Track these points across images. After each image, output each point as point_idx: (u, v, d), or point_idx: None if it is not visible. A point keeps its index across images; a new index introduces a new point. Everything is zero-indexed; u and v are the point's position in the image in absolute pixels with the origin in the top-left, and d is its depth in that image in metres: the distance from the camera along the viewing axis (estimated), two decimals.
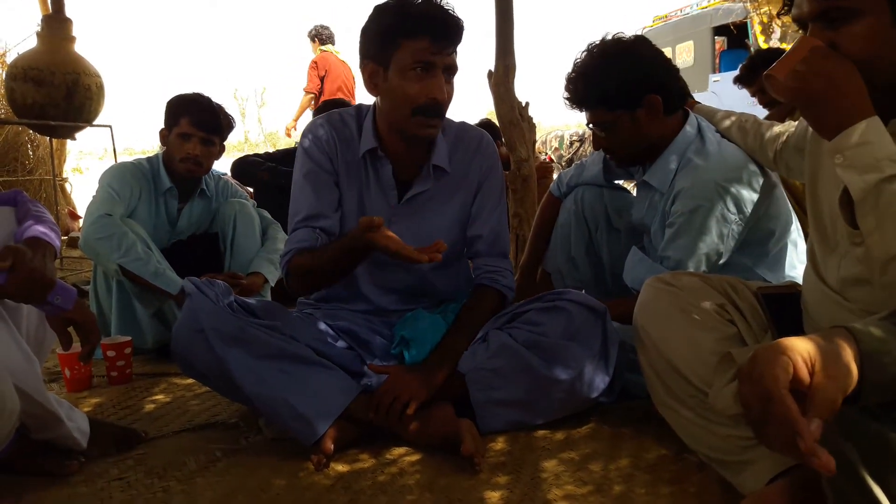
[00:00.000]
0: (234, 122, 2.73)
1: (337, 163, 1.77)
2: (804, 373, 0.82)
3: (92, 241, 2.34)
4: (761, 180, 1.76)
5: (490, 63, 3.07)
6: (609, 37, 1.82)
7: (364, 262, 1.68)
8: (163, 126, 2.60)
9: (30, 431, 1.46)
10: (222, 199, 2.76)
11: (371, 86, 1.70)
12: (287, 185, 1.87)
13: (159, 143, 2.65)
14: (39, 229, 1.47)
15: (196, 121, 2.53)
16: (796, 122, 1.65)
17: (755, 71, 3.60)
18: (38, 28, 4.59)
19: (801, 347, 0.83)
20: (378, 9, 1.65)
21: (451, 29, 1.61)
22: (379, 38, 1.64)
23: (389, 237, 1.48)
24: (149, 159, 2.63)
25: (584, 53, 1.82)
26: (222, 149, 2.67)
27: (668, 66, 1.81)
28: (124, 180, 2.49)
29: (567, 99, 1.86)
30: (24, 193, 1.63)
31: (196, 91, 2.64)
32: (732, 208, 1.73)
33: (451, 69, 1.65)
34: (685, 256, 1.75)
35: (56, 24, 4.59)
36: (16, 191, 1.63)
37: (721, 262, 1.78)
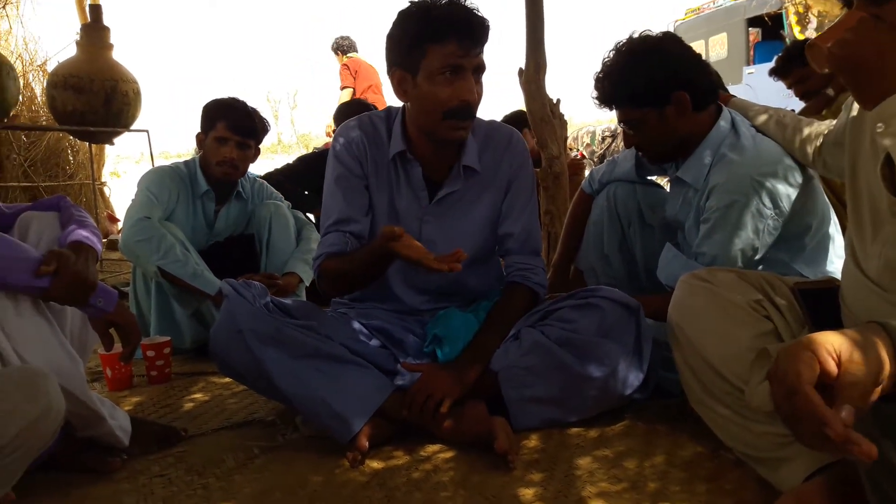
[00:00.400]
0: (269, 126, 2.77)
1: (367, 166, 1.78)
2: (831, 365, 0.81)
3: (132, 244, 2.39)
4: (798, 174, 1.74)
5: (521, 60, 3.07)
6: (636, 34, 1.81)
7: (390, 264, 1.69)
8: (199, 130, 2.65)
9: (74, 429, 1.51)
10: (258, 200, 2.80)
11: (401, 92, 1.70)
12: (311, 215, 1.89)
13: (196, 147, 2.70)
14: (82, 233, 1.52)
15: (232, 125, 2.56)
16: (835, 120, 1.62)
17: (792, 62, 3.53)
18: (77, 37, 4.71)
19: (827, 341, 0.83)
20: (402, 15, 1.65)
21: (477, 30, 1.61)
22: (405, 45, 1.64)
23: (410, 246, 1.48)
24: (186, 163, 2.68)
25: (612, 52, 1.81)
26: (258, 152, 2.71)
27: (697, 62, 1.80)
28: (163, 184, 2.54)
29: (596, 98, 1.86)
30: (67, 199, 1.68)
31: (232, 96, 2.68)
32: (768, 203, 1.71)
33: (480, 69, 1.65)
34: (720, 252, 1.73)
35: (94, 33, 4.70)
36: (59, 196, 1.68)
37: (757, 257, 1.76)
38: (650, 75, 1.75)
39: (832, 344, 0.82)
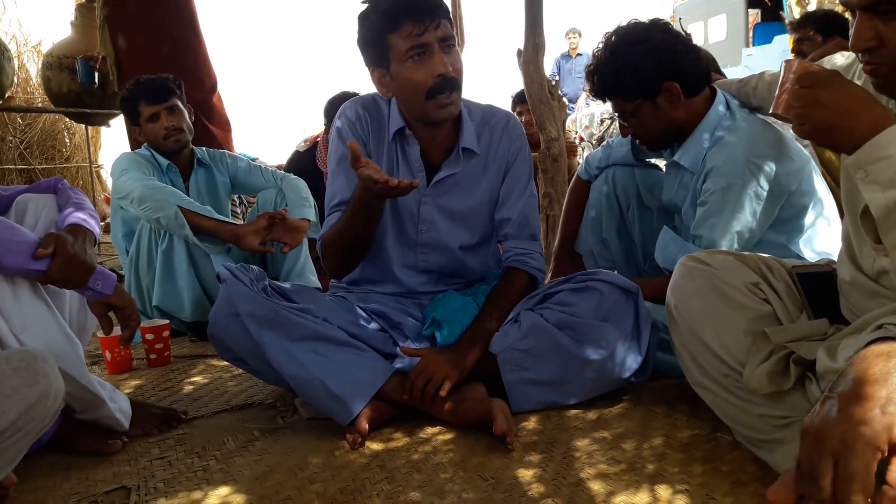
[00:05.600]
0: (180, 80, 2.77)
1: (370, 145, 1.78)
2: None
3: (148, 194, 2.42)
4: (793, 156, 1.74)
5: (519, 41, 3.05)
6: (624, 24, 1.83)
7: (378, 214, 1.68)
8: (131, 127, 2.72)
9: (74, 412, 1.51)
10: (222, 166, 2.83)
11: (383, 89, 1.73)
12: None
13: (144, 142, 2.71)
14: (79, 216, 1.51)
15: (151, 98, 2.60)
16: None
17: (806, 22, 3.58)
18: (72, 17, 4.66)
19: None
20: (359, 18, 1.68)
21: (425, 4, 1.61)
22: (370, 44, 1.68)
23: (370, 167, 1.52)
24: (145, 146, 2.71)
25: (601, 44, 1.84)
26: (190, 109, 2.74)
27: (685, 50, 1.80)
28: (137, 163, 2.57)
29: (588, 90, 1.88)
30: (65, 181, 1.67)
31: (131, 81, 2.70)
32: (765, 185, 1.71)
33: (446, 39, 1.64)
34: (718, 235, 1.73)
35: (89, 13, 4.65)
36: (56, 178, 1.67)
37: (754, 239, 1.76)
38: (638, 68, 1.76)
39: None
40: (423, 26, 1.59)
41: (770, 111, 1.18)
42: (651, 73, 1.76)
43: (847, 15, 1.13)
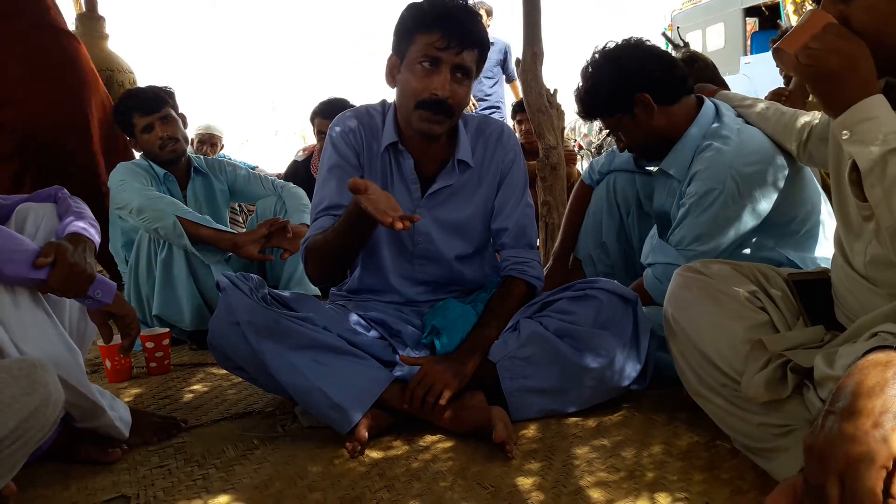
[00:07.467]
0: (171, 89, 2.80)
1: (363, 157, 1.79)
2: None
3: (147, 204, 2.44)
4: (782, 170, 1.75)
5: (518, 50, 3.07)
6: (599, 47, 1.91)
7: (373, 229, 1.64)
8: (126, 139, 2.73)
9: (74, 421, 1.51)
10: (220, 174, 2.85)
11: (390, 78, 1.75)
12: None
13: (140, 153, 2.74)
14: (80, 225, 1.52)
15: (144, 109, 2.63)
16: (816, 112, 1.64)
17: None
18: (73, 27, 4.67)
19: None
20: (406, 6, 1.71)
21: (462, 26, 1.63)
22: (400, 32, 1.70)
23: (370, 199, 1.44)
24: (141, 156, 2.73)
25: (583, 67, 1.92)
26: (183, 117, 2.77)
27: (658, 61, 1.86)
28: (135, 174, 2.59)
29: (577, 113, 2.01)
30: (65, 190, 1.68)
31: (121, 95, 2.74)
32: (746, 192, 1.72)
33: (464, 69, 1.66)
34: (689, 234, 1.77)
35: (90, 23, 4.67)
36: (56, 187, 1.68)
37: (733, 245, 1.77)
38: (608, 84, 1.85)
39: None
40: (446, 43, 1.62)
41: (775, 45, 1.18)
42: (621, 88, 1.83)
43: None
